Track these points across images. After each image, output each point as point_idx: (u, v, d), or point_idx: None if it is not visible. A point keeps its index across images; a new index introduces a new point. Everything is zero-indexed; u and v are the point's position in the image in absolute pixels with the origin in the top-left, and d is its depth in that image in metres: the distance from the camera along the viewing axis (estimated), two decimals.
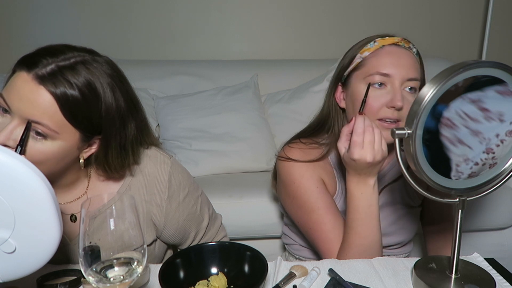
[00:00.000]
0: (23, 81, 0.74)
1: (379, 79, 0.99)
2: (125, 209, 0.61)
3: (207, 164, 1.78)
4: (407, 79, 0.98)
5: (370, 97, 0.99)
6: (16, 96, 0.74)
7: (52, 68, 0.74)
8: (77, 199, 0.92)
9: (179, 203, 0.97)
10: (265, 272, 0.76)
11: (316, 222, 1.03)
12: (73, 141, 0.80)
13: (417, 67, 1.02)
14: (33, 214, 0.62)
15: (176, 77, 2.09)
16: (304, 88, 2.01)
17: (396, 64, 0.99)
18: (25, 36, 0.75)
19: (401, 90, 0.98)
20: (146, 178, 0.93)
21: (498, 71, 0.71)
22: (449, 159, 0.74)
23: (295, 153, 1.08)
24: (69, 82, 0.75)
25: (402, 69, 0.99)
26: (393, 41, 1.03)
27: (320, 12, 2.35)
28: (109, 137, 0.83)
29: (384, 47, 1.02)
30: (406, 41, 1.04)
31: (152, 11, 2.27)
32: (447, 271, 0.81)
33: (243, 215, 1.53)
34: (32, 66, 0.74)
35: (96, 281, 0.60)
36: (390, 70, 0.99)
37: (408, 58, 1.01)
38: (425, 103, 0.69)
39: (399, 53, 1.01)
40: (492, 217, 1.61)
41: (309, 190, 1.05)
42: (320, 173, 1.08)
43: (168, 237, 1.00)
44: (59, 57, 0.76)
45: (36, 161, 0.70)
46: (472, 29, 2.47)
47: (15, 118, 0.75)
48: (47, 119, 0.74)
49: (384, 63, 1.00)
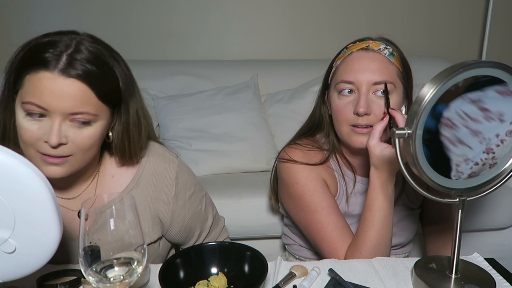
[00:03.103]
0: (50, 79, 0.75)
1: (346, 87, 1.00)
2: (125, 209, 0.61)
3: (207, 164, 1.78)
4: (373, 83, 0.98)
5: (340, 105, 1.01)
6: (51, 95, 0.75)
7: (67, 58, 0.76)
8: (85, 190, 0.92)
9: (185, 201, 0.98)
10: (265, 272, 0.76)
11: (319, 223, 1.03)
12: (107, 117, 0.84)
13: (386, 68, 1.00)
14: (33, 214, 0.62)
15: (176, 77, 2.09)
16: (304, 88, 2.01)
17: (360, 70, 0.99)
18: (25, 36, 0.75)
19: (368, 95, 0.98)
20: (154, 175, 0.95)
21: (498, 71, 0.71)
22: (449, 159, 0.74)
23: (296, 153, 1.08)
24: (85, 64, 0.77)
25: (367, 74, 0.98)
26: (360, 46, 1.02)
27: (320, 12, 2.35)
28: (128, 105, 0.87)
29: (352, 53, 1.03)
30: (376, 43, 1.02)
31: (152, 11, 2.27)
32: (447, 271, 0.81)
33: (243, 215, 1.53)
34: (48, 64, 0.75)
35: (96, 281, 0.60)
36: (354, 77, 0.99)
37: (373, 61, 0.99)
38: (425, 103, 0.69)
39: (364, 58, 1.00)
40: (492, 217, 1.61)
41: (313, 191, 1.05)
42: (323, 174, 1.08)
43: (174, 235, 1.00)
44: (60, 45, 0.77)
45: (87, 148, 0.81)
46: (472, 29, 2.47)
47: (56, 116, 0.76)
48: (87, 107, 0.78)
49: (349, 70, 1.01)
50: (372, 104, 0.98)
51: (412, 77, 1.08)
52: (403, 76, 1.03)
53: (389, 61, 1.01)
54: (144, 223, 0.94)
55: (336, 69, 1.06)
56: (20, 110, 0.77)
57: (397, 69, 1.02)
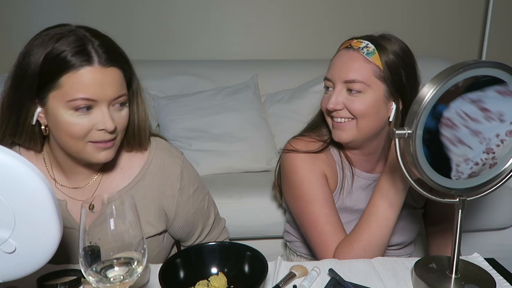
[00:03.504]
0: (93, 72, 0.81)
1: (326, 83, 1.07)
2: (125, 209, 0.61)
3: (207, 164, 1.78)
4: (344, 81, 1.02)
5: (322, 100, 1.10)
6: (97, 86, 0.81)
7: (99, 49, 0.82)
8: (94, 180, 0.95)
9: (189, 196, 1.01)
10: (265, 272, 0.76)
11: (312, 214, 1.05)
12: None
13: (360, 68, 1.01)
14: (33, 214, 0.62)
15: (176, 77, 2.09)
16: (304, 88, 2.01)
17: (337, 68, 1.04)
18: (25, 36, 0.75)
19: (340, 92, 1.03)
20: (160, 168, 0.97)
21: (498, 71, 0.71)
22: (449, 159, 0.74)
23: (299, 144, 1.11)
24: (112, 51, 0.84)
25: (340, 72, 1.03)
26: (345, 45, 1.07)
27: (320, 12, 2.35)
28: (136, 86, 0.93)
29: (339, 51, 1.08)
30: (358, 42, 1.04)
31: (152, 11, 2.27)
32: (447, 271, 0.81)
33: (243, 215, 1.53)
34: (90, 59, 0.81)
35: (96, 281, 0.60)
36: (331, 74, 1.05)
37: (349, 60, 1.03)
38: (425, 103, 0.69)
39: (343, 56, 1.05)
40: (492, 217, 1.61)
41: (310, 181, 1.07)
42: (323, 167, 1.09)
43: (177, 229, 1.02)
44: (79, 40, 0.81)
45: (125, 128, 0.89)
46: (472, 29, 2.47)
47: (103, 104, 0.83)
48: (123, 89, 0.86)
49: (330, 68, 1.07)
50: (347, 100, 1.02)
51: (416, 76, 1.06)
52: (384, 75, 1.01)
53: (365, 59, 1.01)
54: (150, 214, 0.96)
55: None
56: (64, 109, 0.81)
57: (375, 68, 1.01)
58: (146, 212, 0.96)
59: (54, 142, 0.88)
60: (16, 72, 0.83)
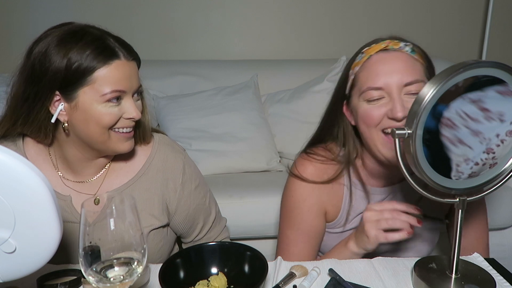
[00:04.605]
0: (122, 65, 0.86)
1: (374, 95, 0.91)
2: (125, 209, 0.61)
3: (207, 164, 1.78)
4: (404, 85, 0.90)
5: (368, 109, 0.93)
6: (126, 79, 0.86)
7: (117, 44, 0.86)
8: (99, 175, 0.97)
9: (191, 191, 1.03)
10: (265, 272, 0.76)
11: (288, 238, 1.05)
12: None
13: (414, 67, 0.92)
14: (33, 214, 0.62)
15: (176, 77, 2.09)
16: (304, 88, 2.01)
17: (387, 72, 0.91)
18: (25, 36, 0.75)
19: (401, 98, 0.89)
20: (163, 163, 1.00)
21: (498, 71, 0.71)
22: (449, 159, 0.74)
23: (308, 168, 1.03)
24: (128, 45, 0.89)
25: (395, 76, 0.90)
26: (379, 48, 0.94)
27: (320, 12, 2.35)
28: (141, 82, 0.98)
29: (372, 56, 0.94)
30: (395, 42, 0.94)
31: (153, 11, 2.27)
32: (447, 271, 0.81)
33: (243, 215, 1.53)
34: (116, 53, 0.85)
35: (96, 281, 0.60)
36: (382, 82, 0.90)
37: (399, 61, 0.91)
38: (425, 103, 0.69)
39: (388, 59, 0.92)
40: (492, 217, 1.60)
41: (301, 210, 1.03)
42: (325, 200, 1.03)
43: (178, 223, 1.04)
44: (100, 36, 0.85)
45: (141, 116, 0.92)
46: (472, 29, 2.47)
47: (129, 95, 0.88)
48: (139, 80, 0.91)
49: (374, 76, 0.92)
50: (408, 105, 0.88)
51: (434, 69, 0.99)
52: (428, 70, 0.96)
53: (413, 58, 0.93)
54: (154, 207, 0.98)
55: (355, 77, 0.96)
56: (97, 102, 0.85)
57: (421, 65, 0.94)
58: (150, 205, 0.98)
59: (67, 137, 0.89)
60: (33, 69, 0.83)
